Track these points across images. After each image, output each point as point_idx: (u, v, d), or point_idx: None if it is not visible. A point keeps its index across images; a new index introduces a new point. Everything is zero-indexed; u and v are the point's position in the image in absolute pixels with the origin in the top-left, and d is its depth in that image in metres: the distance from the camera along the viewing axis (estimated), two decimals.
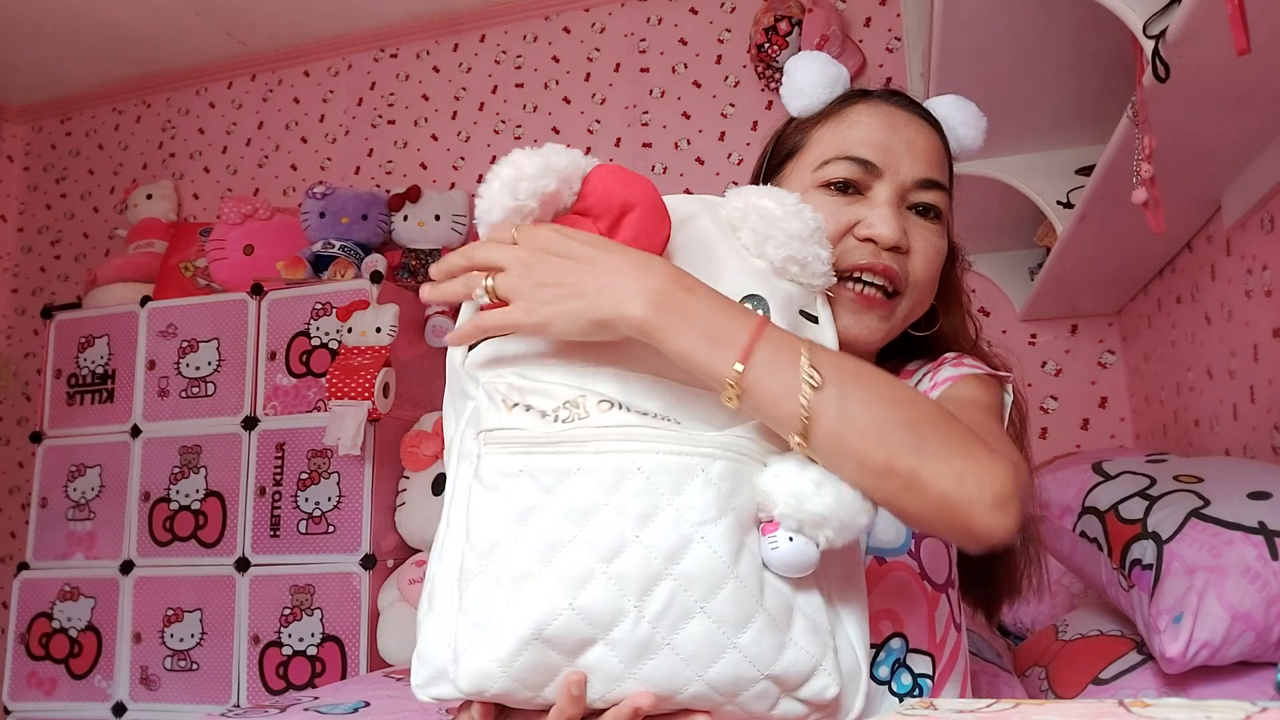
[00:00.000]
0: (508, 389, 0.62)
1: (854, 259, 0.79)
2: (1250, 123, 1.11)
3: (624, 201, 0.65)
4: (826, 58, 0.88)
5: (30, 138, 3.38)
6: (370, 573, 2.19)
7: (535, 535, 0.58)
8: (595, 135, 2.68)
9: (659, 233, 0.65)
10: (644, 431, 0.58)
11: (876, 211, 0.80)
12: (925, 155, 0.83)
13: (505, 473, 0.59)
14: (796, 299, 0.69)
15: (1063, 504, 1.21)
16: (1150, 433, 1.96)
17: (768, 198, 0.69)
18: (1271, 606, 0.90)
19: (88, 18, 2.78)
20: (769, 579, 0.59)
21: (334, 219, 2.53)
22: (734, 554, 0.58)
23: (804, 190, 0.83)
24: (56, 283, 3.22)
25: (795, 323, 0.68)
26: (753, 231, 0.68)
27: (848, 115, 0.85)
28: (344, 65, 2.99)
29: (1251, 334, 1.38)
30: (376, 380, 2.17)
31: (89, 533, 2.49)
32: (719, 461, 0.59)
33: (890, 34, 2.42)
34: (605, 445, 0.58)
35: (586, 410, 0.59)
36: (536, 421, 0.60)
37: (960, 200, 0.93)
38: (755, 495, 0.60)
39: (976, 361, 0.85)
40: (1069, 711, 0.41)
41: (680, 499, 0.57)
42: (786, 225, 0.67)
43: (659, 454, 0.58)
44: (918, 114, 0.85)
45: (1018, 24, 1.31)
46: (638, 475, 0.57)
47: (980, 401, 0.77)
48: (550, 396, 0.60)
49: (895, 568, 0.77)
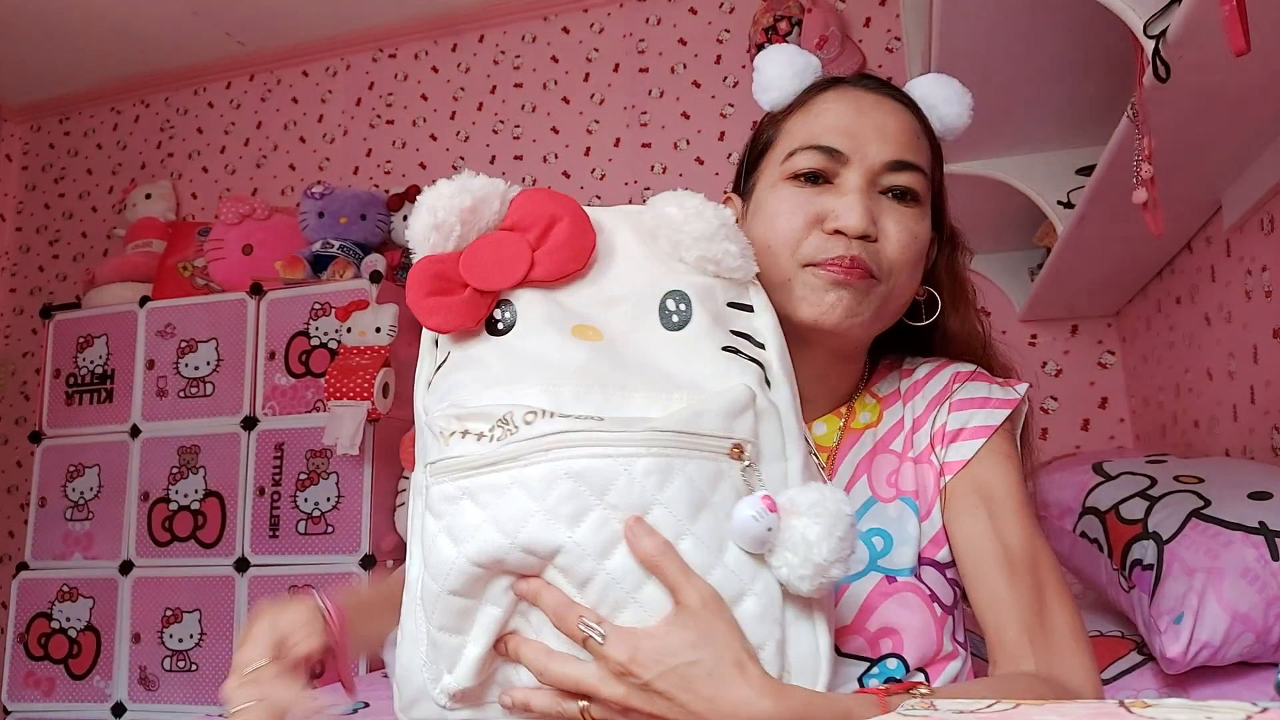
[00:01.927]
0: (445, 420, 0.64)
1: (824, 253, 0.77)
2: (1250, 123, 1.11)
3: (551, 213, 0.68)
4: (794, 49, 0.86)
5: (29, 137, 3.37)
6: (370, 573, 2.19)
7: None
8: (594, 135, 2.67)
9: (586, 238, 0.69)
10: (569, 436, 0.60)
11: (844, 200, 0.77)
12: (895, 137, 0.80)
13: (449, 498, 0.62)
14: (721, 292, 0.71)
15: (1063, 504, 1.21)
16: (1150, 433, 1.96)
17: (672, 204, 0.71)
18: (1271, 607, 0.90)
19: (87, 18, 2.78)
20: (725, 561, 0.61)
21: (332, 219, 2.53)
22: (673, 539, 0.60)
23: (774, 183, 0.82)
24: (55, 282, 3.21)
25: (720, 314, 0.69)
26: (666, 238, 0.70)
27: (815, 104, 0.83)
28: (342, 65, 2.99)
29: (1251, 335, 1.38)
30: (376, 380, 2.16)
31: (88, 533, 2.48)
32: (643, 459, 0.60)
33: (890, 34, 2.42)
34: (533, 457, 0.60)
35: (515, 425, 0.61)
36: (474, 446, 0.62)
37: (960, 200, 0.93)
38: (697, 485, 0.61)
39: (994, 387, 0.82)
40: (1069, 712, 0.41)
41: (607, 498, 0.60)
42: (690, 228, 0.69)
43: (583, 458, 0.60)
44: (891, 95, 0.83)
45: (1018, 24, 1.31)
46: (564, 480, 0.59)
47: (1018, 512, 0.77)
48: (484, 418, 0.62)
49: (905, 587, 0.76)
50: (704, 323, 0.68)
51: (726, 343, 0.68)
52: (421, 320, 0.68)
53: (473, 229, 0.68)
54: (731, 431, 0.63)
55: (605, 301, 0.69)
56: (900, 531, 0.78)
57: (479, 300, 0.67)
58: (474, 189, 0.68)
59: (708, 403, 0.63)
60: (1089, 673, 0.70)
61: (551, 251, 0.68)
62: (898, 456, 0.82)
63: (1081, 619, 0.74)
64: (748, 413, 0.64)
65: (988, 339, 0.90)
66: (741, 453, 0.63)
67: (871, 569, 0.76)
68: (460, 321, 0.67)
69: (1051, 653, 0.70)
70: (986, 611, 0.73)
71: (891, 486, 0.80)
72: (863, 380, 0.88)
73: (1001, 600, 0.72)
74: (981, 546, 0.75)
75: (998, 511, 0.76)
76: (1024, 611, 0.71)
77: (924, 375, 0.86)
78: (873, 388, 0.88)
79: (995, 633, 0.72)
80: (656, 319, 0.68)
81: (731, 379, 0.65)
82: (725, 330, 0.69)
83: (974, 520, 0.76)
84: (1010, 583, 0.73)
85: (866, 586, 0.75)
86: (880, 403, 0.86)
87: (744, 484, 0.63)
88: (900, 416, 0.84)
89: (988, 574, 0.74)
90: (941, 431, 0.81)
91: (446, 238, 0.68)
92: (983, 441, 0.79)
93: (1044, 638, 0.71)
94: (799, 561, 0.60)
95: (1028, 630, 0.71)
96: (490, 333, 0.67)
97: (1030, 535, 0.76)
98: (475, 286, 0.67)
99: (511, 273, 0.67)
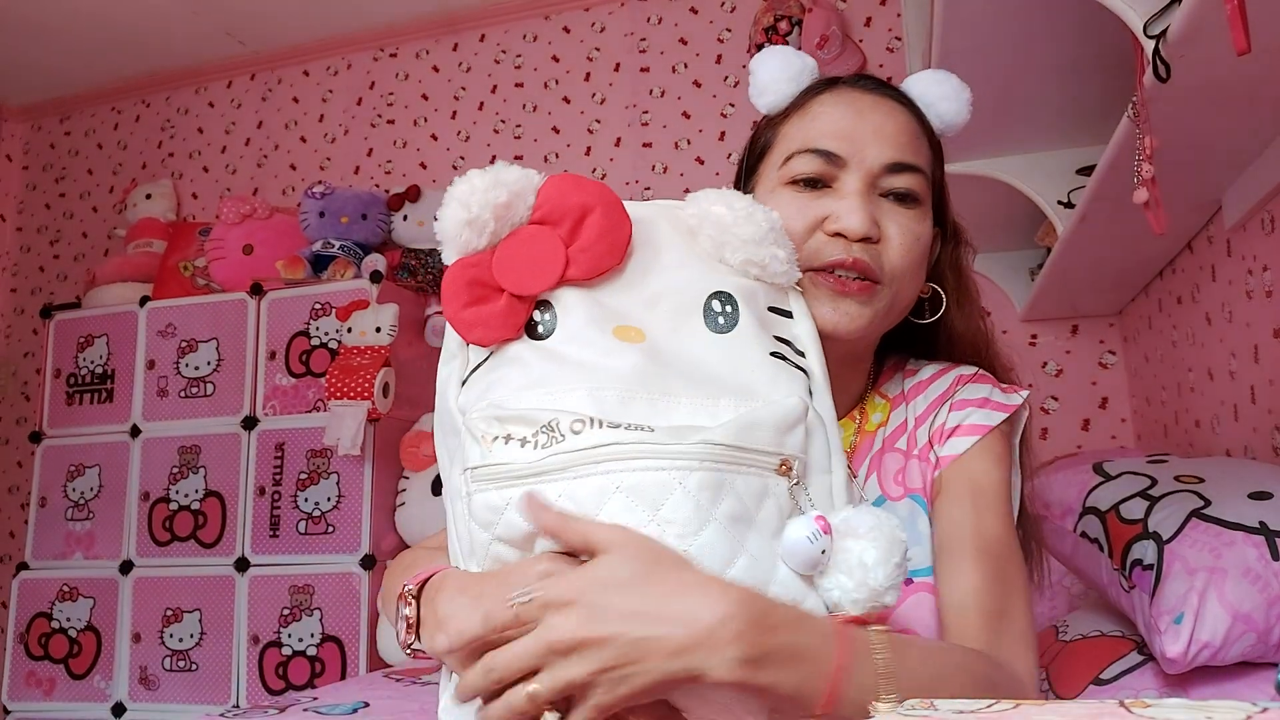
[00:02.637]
0: (486, 422, 0.61)
1: (825, 256, 0.76)
2: (1251, 123, 1.11)
3: (581, 204, 0.65)
4: (790, 51, 0.86)
5: (29, 137, 3.37)
6: (370, 573, 2.19)
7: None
8: (595, 135, 2.67)
9: (622, 230, 0.66)
10: (619, 449, 0.58)
11: (844, 203, 0.77)
12: (894, 138, 0.79)
13: (495, 508, 0.60)
14: (763, 295, 0.69)
15: (1063, 504, 1.21)
16: (1151, 433, 1.96)
17: (720, 203, 0.68)
18: (1272, 607, 0.90)
19: (87, 17, 2.78)
20: (778, 579, 0.59)
21: (333, 218, 2.53)
22: (725, 561, 0.58)
23: (773, 188, 0.81)
24: (55, 282, 3.21)
25: (764, 318, 0.68)
26: (709, 238, 0.68)
27: (812, 107, 0.83)
28: (343, 65, 2.99)
29: (1252, 335, 1.38)
30: (376, 380, 2.16)
31: (88, 532, 2.48)
32: (696, 473, 0.58)
33: (890, 34, 2.41)
34: (583, 469, 0.58)
35: (562, 433, 0.59)
36: (517, 452, 0.60)
37: (960, 200, 0.93)
38: (749, 498, 0.60)
39: (995, 390, 0.83)
40: (1069, 712, 0.41)
41: (661, 513, 0.57)
42: (739, 230, 0.67)
43: (635, 471, 0.58)
44: (888, 96, 0.83)
45: (1018, 24, 1.31)
46: (617, 495, 0.58)
47: (1000, 509, 0.77)
48: (528, 422, 0.60)
49: (920, 588, 0.77)
50: (751, 326, 0.66)
51: (773, 348, 0.67)
52: (462, 335, 0.66)
53: (506, 224, 0.66)
54: (782, 447, 0.61)
55: (647, 300, 0.67)
56: (912, 529, 0.78)
57: (517, 306, 0.65)
58: (509, 182, 0.65)
59: (760, 414, 0.61)
60: (1031, 674, 0.71)
61: (586, 248, 0.65)
62: (903, 455, 0.82)
63: (1034, 625, 0.75)
64: (799, 427, 0.63)
65: (991, 337, 0.90)
66: (790, 469, 0.61)
67: None
68: (501, 333, 0.65)
69: (1004, 646, 0.71)
70: (953, 593, 0.73)
71: (899, 484, 0.81)
72: (871, 381, 0.88)
73: (969, 585, 0.73)
74: (960, 533, 0.76)
75: (982, 504, 0.77)
76: (988, 602, 0.72)
77: (928, 376, 0.87)
78: (881, 388, 0.88)
79: (957, 615, 0.72)
80: (701, 320, 0.66)
81: (781, 387, 0.64)
82: (770, 335, 0.67)
83: (958, 508, 0.77)
84: (980, 571, 0.73)
85: None
86: (889, 403, 0.87)
87: (790, 501, 0.61)
88: (905, 417, 0.85)
89: (961, 558, 0.74)
90: (941, 429, 0.81)
91: (480, 234, 0.65)
92: (977, 438, 0.79)
93: (1001, 630, 0.71)
94: (854, 585, 0.59)
95: (987, 618, 0.71)
96: (531, 337, 0.65)
97: (1008, 534, 0.77)
98: (512, 291, 0.64)
99: (547, 275, 0.65)
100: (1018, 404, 0.82)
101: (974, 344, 0.89)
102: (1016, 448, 0.84)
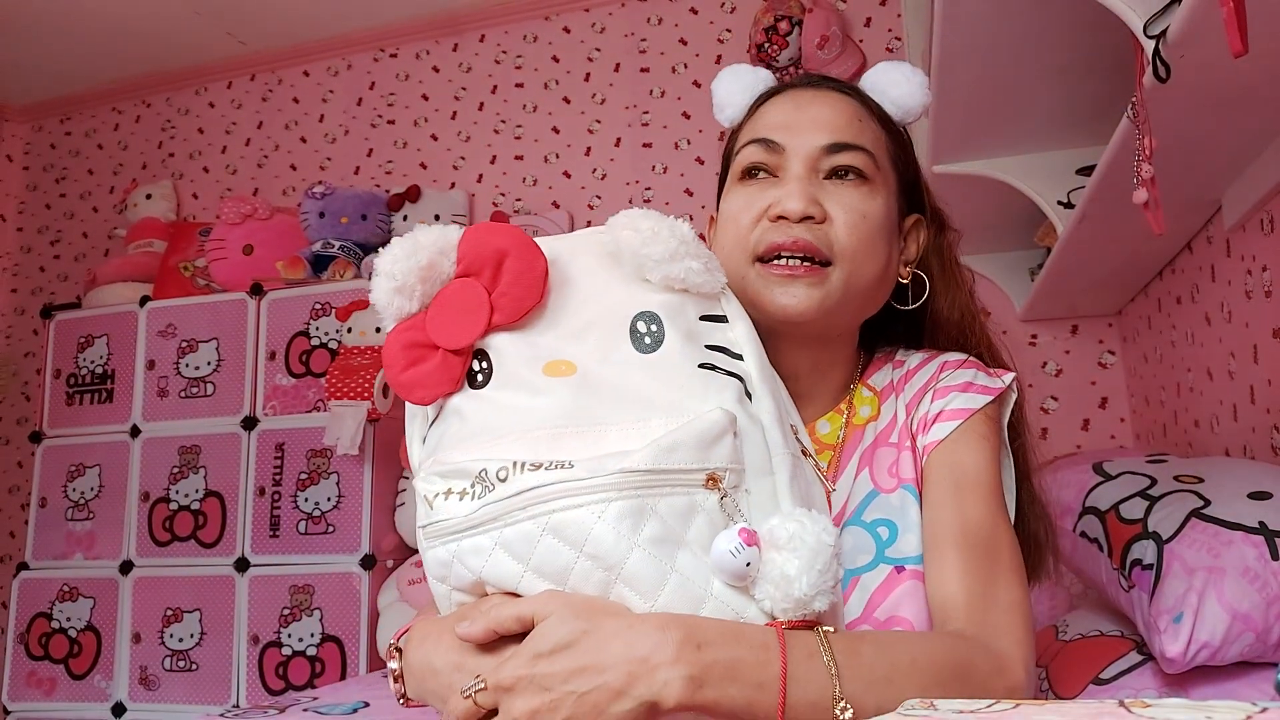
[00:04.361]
0: (429, 481, 0.65)
1: (769, 240, 0.79)
2: (1250, 123, 1.11)
3: (497, 249, 0.67)
4: (743, 68, 0.91)
5: (30, 137, 3.38)
6: (370, 573, 2.19)
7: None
8: (595, 135, 2.67)
9: (535, 269, 0.67)
10: (542, 491, 0.60)
11: (785, 188, 0.80)
12: (831, 122, 0.82)
13: (444, 563, 0.64)
14: (693, 306, 0.70)
15: (1063, 504, 1.21)
16: (1150, 433, 1.96)
17: (627, 227, 0.69)
18: (1271, 607, 0.90)
19: (88, 17, 2.78)
20: (714, 593, 0.61)
21: (333, 219, 2.53)
22: (655, 584, 0.60)
23: (729, 188, 0.86)
24: (56, 282, 3.22)
25: (693, 330, 0.68)
26: (627, 261, 0.70)
27: (762, 109, 0.88)
28: (344, 65, 2.99)
29: (1251, 334, 1.38)
30: (376, 380, 2.17)
31: (88, 533, 2.49)
32: (615, 503, 0.59)
33: (890, 34, 2.42)
34: (513, 517, 0.60)
35: (492, 482, 0.61)
36: (456, 505, 0.63)
37: (960, 200, 0.93)
38: (673, 519, 0.61)
39: (979, 374, 0.83)
40: (1069, 711, 0.41)
41: (585, 549, 0.59)
42: (649, 251, 0.68)
43: (557, 511, 0.60)
44: (831, 89, 0.87)
45: (1017, 24, 1.31)
46: (545, 537, 0.60)
47: (983, 492, 0.77)
48: (464, 475, 0.63)
49: (912, 575, 0.76)
50: (677, 341, 0.67)
51: (703, 359, 0.67)
52: (405, 398, 0.69)
53: (433, 284, 0.68)
54: (706, 461, 0.62)
55: (577, 331, 0.68)
56: (904, 519, 0.78)
57: (452, 360, 0.67)
58: (427, 244, 0.68)
59: (680, 433, 0.62)
60: (1019, 644, 0.70)
61: (505, 291, 0.67)
62: (895, 448, 0.83)
63: (1030, 603, 0.75)
64: (725, 438, 0.63)
65: (980, 322, 0.91)
66: (717, 483, 0.62)
67: (880, 561, 0.77)
68: (440, 389, 0.67)
69: (989, 622, 0.70)
70: (938, 585, 0.74)
71: (893, 476, 0.81)
72: (857, 371, 0.89)
73: (953, 574, 0.73)
74: (942, 519, 0.76)
75: (964, 487, 0.77)
76: (972, 585, 0.72)
77: (915, 365, 0.87)
78: (869, 380, 0.89)
79: (942, 604, 0.73)
80: (628, 342, 0.67)
81: (709, 399, 0.65)
82: (700, 346, 0.68)
83: (941, 496, 0.77)
84: (963, 556, 0.73)
85: (876, 579, 0.76)
86: (878, 395, 0.87)
87: (721, 515, 0.62)
88: (895, 410, 0.85)
89: (944, 549, 0.74)
90: (924, 417, 0.82)
91: (410, 298, 0.68)
92: (959, 422, 0.80)
93: (985, 609, 0.71)
94: (780, 596, 0.60)
95: (971, 599, 0.72)
96: (472, 387, 0.67)
97: (993, 515, 0.77)
98: (444, 346, 0.67)
99: (473, 325, 0.67)
100: (1001, 387, 0.82)
101: (961, 328, 0.89)
102: (1005, 431, 0.84)
